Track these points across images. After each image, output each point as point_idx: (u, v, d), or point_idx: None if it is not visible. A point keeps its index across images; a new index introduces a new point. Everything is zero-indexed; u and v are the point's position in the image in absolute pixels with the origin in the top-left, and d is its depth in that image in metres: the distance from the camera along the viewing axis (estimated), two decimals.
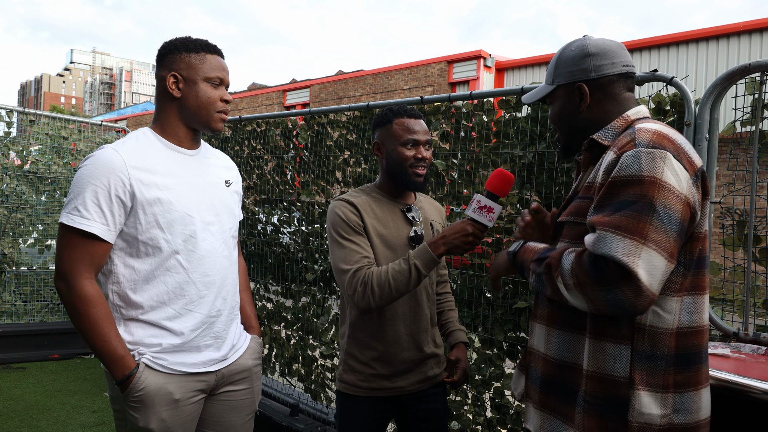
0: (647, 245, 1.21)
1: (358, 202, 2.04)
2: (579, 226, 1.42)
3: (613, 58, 1.49)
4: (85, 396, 4.44)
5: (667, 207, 1.24)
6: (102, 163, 1.69)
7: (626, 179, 1.28)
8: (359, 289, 1.89)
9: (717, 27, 12.70)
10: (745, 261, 2.06)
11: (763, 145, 2.06)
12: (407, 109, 2.08)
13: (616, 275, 1.21)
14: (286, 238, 3.94)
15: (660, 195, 1.24)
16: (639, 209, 1.23)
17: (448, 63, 17.12)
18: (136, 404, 1.70)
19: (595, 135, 1.46)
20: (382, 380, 2.04)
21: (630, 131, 1.38)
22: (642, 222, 1.22)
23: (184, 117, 1.84)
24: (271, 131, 4.02)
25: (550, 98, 1.60)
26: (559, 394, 1.44)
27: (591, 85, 1.50)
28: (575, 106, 1.52)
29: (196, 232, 1.80)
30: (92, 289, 1.68)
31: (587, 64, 1.50)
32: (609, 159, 1.36)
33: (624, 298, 1.21)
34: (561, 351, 1.45)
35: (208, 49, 1.84)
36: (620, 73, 1.50)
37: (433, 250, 1.83)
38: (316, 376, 3.60)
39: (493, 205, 1.76)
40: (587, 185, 1.43)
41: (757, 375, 1.64)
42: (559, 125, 1.60)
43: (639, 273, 1.19)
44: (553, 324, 1.48)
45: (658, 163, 1.26)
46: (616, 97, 1.50)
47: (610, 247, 1.21)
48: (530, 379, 1.56)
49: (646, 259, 1.20)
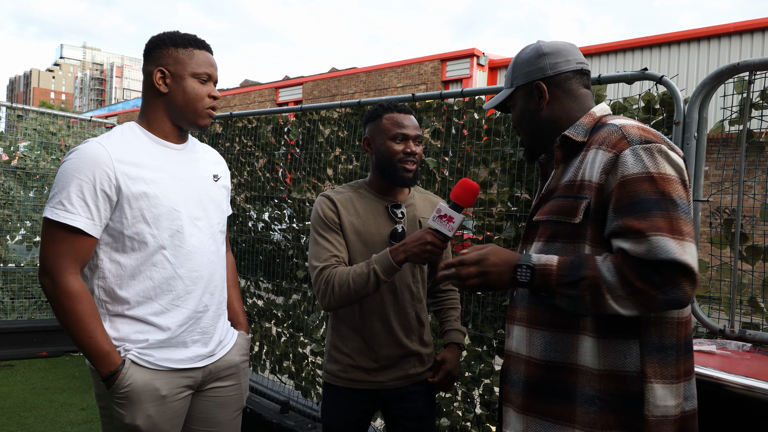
0: (685, 239, 1.26)
1: (338, 199, 2.06)
2: (559, 225, 1.42)
3: (567, 56, 1.54)
4: (73, 394, 4.42)
5: (680, 197, 1.29)
6: (87, 157, 1.67)
7: (637, 178, 1.30)
8: (322, 287, 1.94)
9: (707, 28, 12.80)
10: (732, 259, 2.07)
11: (750, 144, 2.08)
12: (397, 104, 2.08)
13: (677, 276, 1.23)
14: (277, 235, 3.93)
15: (672, 188, 1.29)
16: (665, 207, 1.27)
17: (442, 61, 17.13)
18: (122, 401, 1.69)
19: (567, 132, 1.48)
20: (361, 372, 2.05)
21: (610, 128, 1.39)
22: (674, 219, 1.27)
23: (170, 113, 1.82)
24: (262, 128, 4.00)
25: (511, 101, 1.62)
26: (548, 395, 1.43)
27: (548, 83, 1.53)
28: (535, 105, 1.55)
29: (182, 227, 1.79)
30: (77, 284, 1.66)
31: (543, 62, 1.53)
32: (602, 159, 1.36)
33: (683, 294, 1.24)
34: (548, 351, 1.43)
35: (196, 45, 1.82)
36: (576, 70, 1.54)
37: (393, 257, 1.84)
38: (306, 374, 3.60)
39: (453, 215, 1.76)
40: (568, 183, 1.43)
41: (742, 372, 1.65)
42: (521, 126, 1.61)
43: (694, 267, 1.24)
44: (536, 325, 1.47)
45: (658, 158, 1.31)
46: (574, 94, 1.54)
47: (667, 251, 1.23)
48: (509, 383, 1.54)
49: (689, 252, 1.25)
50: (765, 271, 2.03)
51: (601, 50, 14.55)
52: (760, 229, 2.07)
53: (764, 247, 2.03)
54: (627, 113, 2.32)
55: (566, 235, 1.41)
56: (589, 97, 1.55)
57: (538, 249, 1.47)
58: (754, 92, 2.07)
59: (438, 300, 2.29)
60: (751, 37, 12.26)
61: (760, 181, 2.10)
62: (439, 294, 2.29)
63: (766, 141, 2.07)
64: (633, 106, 2.32)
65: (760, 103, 2.08)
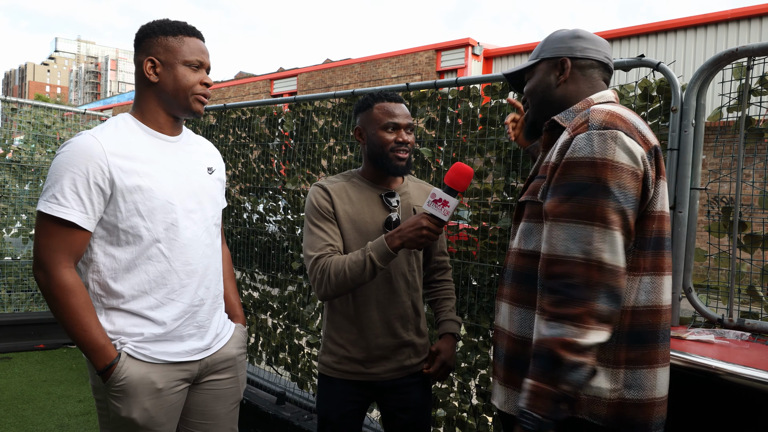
0: (609, 228, 1.27)
1: (332, 188, 2.05)
2: (533, 205, 1.49)
3: (598, 46, 1.59)
4: (70, 386, 4.41)
5: (619, 185, 1.29)
6: (80, 150, 1.65)
7: (578, 161, 1.32)
8: (318, 276, 1.93)
9: (705, 15, 12.78)
10: (731, 248, 2.06)
11: (749, 131, 2.06)
12: (388, 93, 2.06)
13: (569, 267, 1.27)
14: (272, 226, 3.91)
15: (612, 175, 1.29)
16: (592, 193, 1.28)
17: (436, 51, 17.07)
18: (118, 394, 1.68)
19: (556, 116, 1.51)
20: (356, 364, 2.05)
21: (585, 112, 1.41)
22: (597, 207, 1.28)
23: (162, 102, 1.80)
24: (256, 119, 3.97)
25: (530, 73, 1.64)
26: (523, 369, 1.44)
27: (573, 63, 1.56)
28: (553, 79, 1.58)
29: (177, 220, 1.77)
30: (71, 278, 1.65)
31: (575, 44, 1.57)
32: (563, 139, 1.40)
33: (605, 289, 1.25)
34: (523, 328, 1.49)
35: (187, 32, 1.79)
36: (601, 61, 1.57)
37: (388, 243, 1.82)
38: (302, 365, 3.59)
39: (448, 199, 1.76)
40: (544, 165, 1.48)
41: (740, 361, 1.65)
42: (531, 97, 1.64)
43: (604, 257, 1.26)
44: (516, 302, 1.53)
45: (609, 144, 1.30)
46: (592, 81, 1.57)
47: (563, 238, 1.28)
48: (496, 356, 1.61)
49: (609, 242, 1.26)
50: (764, 259, 2.02)
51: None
52: (759, 217, 2.05)
53: (763, 235, 2.02)
54: (624, 101, 2.30)
55: (537, 215, 1.47)
56: (603, 88, 1.58)
57: (522, 228, 1.54)
58: (752, 78, 2.05)
59: (433, 290, 2.28)
60: (748, 24, 12.23)
61: (759, 168, 2.09)
62: (434, 284, 2.28)
63: (764, 128, 2.06)
64: (630, 94, 2.30)
65: (759, 89, 2.06)
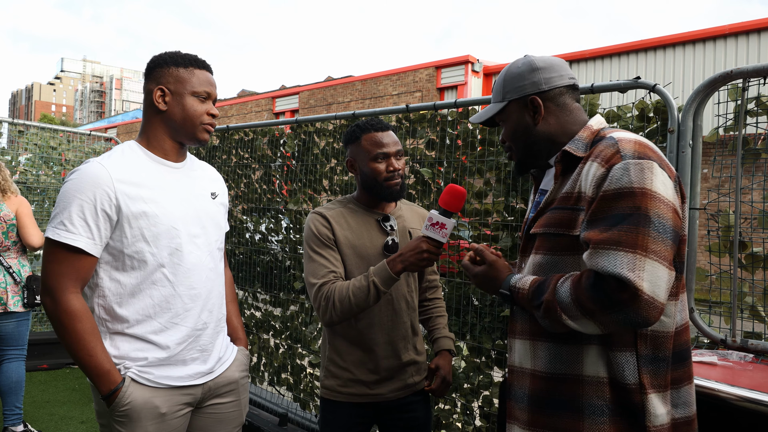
0: (649, 257, 1.22)
1: (330, 215, 2.07)
2: (559, 237, 1.42)
3: (560, 71, 1.53)
4: (73, 406, 4.40)
5: (659, 215, 1.25)
6: (88, 177, 1.68)
7: (618, 192, 1.28)
8: (322, 304, 1.95)
9: (700, 30, 12.87)
10: (732, 267, 2.06)
11: (746, 151, 2.08)
12: (374, 122, 2.09)
13: (618, 294, 1.21)
14: (275, 246, 3.93)
15: (653, 205, 1.25)
16: (635, 222, 1.25)
17: (436, 68, 17.17)
18: (122, 419, 1.69)
19: (567, 147, 1.47)
20: (361, 386, 2.06)
21: (608, 142, 1.38)
22: (641, 235, 1.23)
23: (170, 130, 1.84)
24: (258, 140, 4.01)
25: (501, 116, 1.61)
26: (555, 408, 1.41)
27: (543, 98, 1.52)
28: (530, 119, 1.54)
29: (181, 245, 1.80)
30: (78, 303, 1.67)
31: (537, 77, 1.52)
32: (595, 172, 1.35)
33: (634, 315, 1.22)
34: (553, 364, 1.43)
35: (197, 64, 1.84)
36: (568, 85, 1.53)
37: (390, 268, 1.86)
38: (304, 386, 3.59)
39: (445, 221, 1.79)
40: (565, 195, 1.43)
41: (744, 383, 1.63)
42: (514, 142, 1.60)
43: (643, 286, 1.20)
44: (540, 337, 1.46)
45: (647, 174, 1.28)
46: (568, 108, 1.53)
47: (615, 264, 1.22)
48: (513, 398, 1.52)
49: (649, 271, 1.21)
50: (765, 278, 2.02)
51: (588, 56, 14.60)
52: (759, 237, 2.06)
53: (764, 255, 2.02)
54: (621, 122, 2.32)
55: (566, 248, 1.41)
56: (580, 110, 1.55)
57: (536, 261, 1.47)
58: (747, 99, 2.07)
59: (425, 308, 2.30)
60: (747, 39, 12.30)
61: (758, 187, 2.10)
62: (426, 302, 2.31)
63: (761, 148, 2.07)
64: (627, 115, 2.32)
65: (755, 110, 2.08)
